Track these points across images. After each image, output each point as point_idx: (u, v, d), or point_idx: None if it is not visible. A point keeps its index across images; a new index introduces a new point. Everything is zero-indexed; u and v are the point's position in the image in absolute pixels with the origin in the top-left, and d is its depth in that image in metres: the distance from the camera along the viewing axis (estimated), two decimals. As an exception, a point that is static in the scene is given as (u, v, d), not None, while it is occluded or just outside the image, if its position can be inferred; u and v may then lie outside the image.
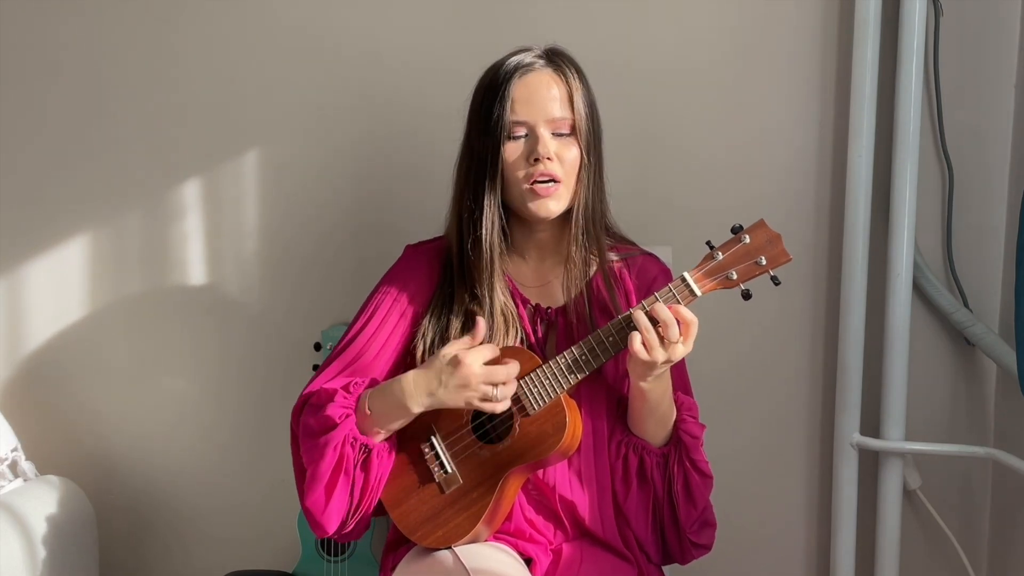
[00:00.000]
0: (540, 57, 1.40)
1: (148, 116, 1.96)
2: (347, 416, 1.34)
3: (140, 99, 1.96)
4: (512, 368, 1.32)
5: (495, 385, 1.30)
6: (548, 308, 1.45)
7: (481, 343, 1.34)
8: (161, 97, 1.96)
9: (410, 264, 1.49)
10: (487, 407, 1.31)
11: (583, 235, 1.41)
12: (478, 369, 1.30)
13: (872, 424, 1.89)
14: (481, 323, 1.34)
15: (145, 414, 2.03)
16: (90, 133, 1.97)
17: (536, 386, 1.34)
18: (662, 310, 1.28)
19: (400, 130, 1.92)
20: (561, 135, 1.38)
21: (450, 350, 1.32)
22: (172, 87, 1.96)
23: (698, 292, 1.31)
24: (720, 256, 1.32)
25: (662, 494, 1.41)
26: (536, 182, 1.36)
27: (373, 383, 1.40)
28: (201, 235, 1.98)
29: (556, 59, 1.40)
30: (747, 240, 1.31)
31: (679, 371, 1.45)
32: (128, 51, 1.95)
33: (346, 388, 1.37)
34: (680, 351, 1.29)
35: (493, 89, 1.37)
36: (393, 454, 1.39)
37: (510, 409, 1.35)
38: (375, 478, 1.36)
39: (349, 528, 1.39)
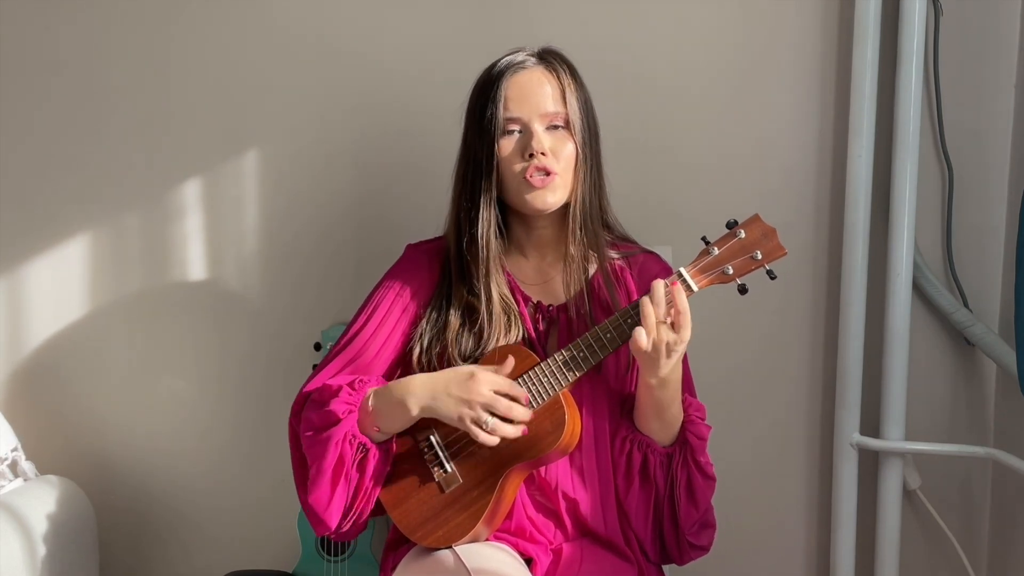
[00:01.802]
0: (532, 56, 1.42)
1: (148, 116, 1.96)
2: (350, 412, 1.35)
3: (140, 99, 1.96)
4: (519, 411, 1.31)
5: (491, 414, 1.30)
6: (549, 306, 1.45)
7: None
8: (161, 97, 1.96)
9: (411, 263, 1.50)
10: (475, 432, 1.30)
11: (580, 230, 1.42)
12: (486, 390, 1.30)
13: (872, 424, 1.89)
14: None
15: (145, 414, 2.03)
16: (90, 133, 1.97)
17: (535, 384, 1.34)
18: (658, 288, 1.28)
19: (400, 130, 1.92)
20: (555, 128, 1.39)
21: (472, 367, 1.33)
22: (172, 87, 1.96)
23: (695, 287, 1.32)
24: (716, 251, 1.32)
25: (663, 493, 1.41)
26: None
27: (379, 382, 1.40)
28: (201, 235, 1.98)
29: (548, 57, 1.42)
30: (742, 235, 1.31)
31: (683, 372, 1.45)
32: (128, 51, 1.95)
33: (351, 385, 1.38)
34: (676, 340, 1.28)
35: (487, 88, 1.39)
36: (391, 459, 1.39)
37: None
38: (370, 479, 1.36)
39: (346, 527, 1.40)
